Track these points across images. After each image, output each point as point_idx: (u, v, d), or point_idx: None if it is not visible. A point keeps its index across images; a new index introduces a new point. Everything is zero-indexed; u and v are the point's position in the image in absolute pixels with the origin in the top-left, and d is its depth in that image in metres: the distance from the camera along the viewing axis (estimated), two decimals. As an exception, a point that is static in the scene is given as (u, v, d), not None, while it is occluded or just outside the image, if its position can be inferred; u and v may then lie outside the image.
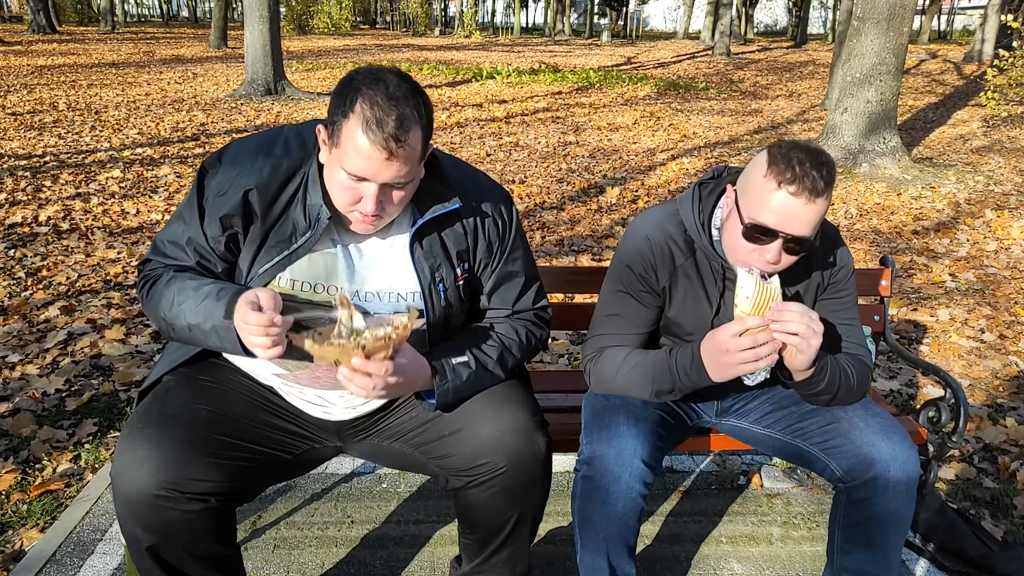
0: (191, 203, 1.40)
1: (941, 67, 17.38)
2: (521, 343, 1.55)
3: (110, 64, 16.38)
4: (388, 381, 1.29)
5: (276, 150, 1.39)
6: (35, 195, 5.66)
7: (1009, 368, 3.27)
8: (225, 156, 1.41)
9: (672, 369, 1.50)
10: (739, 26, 33.26)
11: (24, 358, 3.08)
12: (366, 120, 1.22)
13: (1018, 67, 9.44)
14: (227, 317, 1.28)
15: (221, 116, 9.90)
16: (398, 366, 1.30)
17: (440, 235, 1.46)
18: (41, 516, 2.11)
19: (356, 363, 1.25)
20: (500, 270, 1.54)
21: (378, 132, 1.21)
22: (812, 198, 1.34)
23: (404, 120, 1.23)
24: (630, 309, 1.60)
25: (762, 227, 1.39)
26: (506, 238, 1.54)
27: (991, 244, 5.11)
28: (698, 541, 2.10)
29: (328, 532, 2.08)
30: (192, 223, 1.39)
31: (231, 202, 1.36)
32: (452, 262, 1.47)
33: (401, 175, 1.27)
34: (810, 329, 1.37)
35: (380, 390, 1.29)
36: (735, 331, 1.38)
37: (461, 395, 1.46)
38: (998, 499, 2.31)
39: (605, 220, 5.54)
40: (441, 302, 1.46)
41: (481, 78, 15.55)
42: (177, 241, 1.41)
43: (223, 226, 1.37)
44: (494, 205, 1.52)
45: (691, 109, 11.81)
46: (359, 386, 1.28)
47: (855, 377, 1.56)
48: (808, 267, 1.60)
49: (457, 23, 38.36)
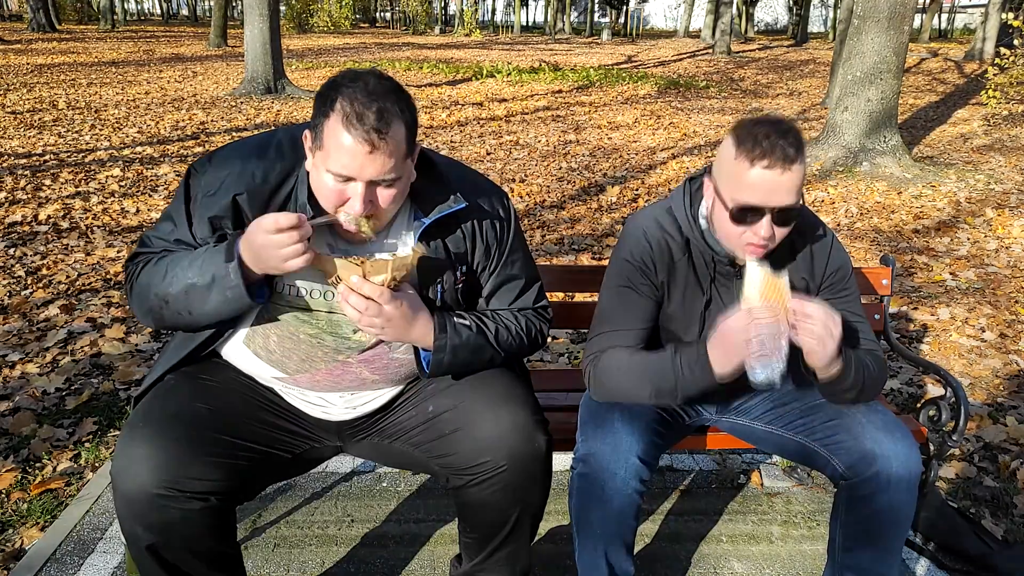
0: (179, 204, 1.38)
1: (942, 66, 17.36)
2: (520, 328, 1.54)
3: (110, 63, 16.38)
4: (384, 309, 1.28)
5: (269, 153, 1.38)
6: (35, 194, 5.66)
7: (1009, 367, 3.26)
8: (216, 157, 1.40)
9: (676, 366, 1.48)
10: (740, 24, 33.25)
11: (24, 357, 3.07)
12: (346, 115, 1.21)
13: (1019, 65, 9.42)
14: (228, 260, 1.27)
15: (221, 115, 9.90)
16: (396, 295, 1.30)
17: (442, 238, 1.45)
18: (41, 515, 2.11)
19: (354, 280, 1.26)
20: (499, 273, 1.53)
21: (359, 126, 1.21)
22: (787, 166, 1.35)
23: (384, 113, 1.22)
24: (632, 303, 1.59)
25: (747, 207, 1.39)
26: (504, 240, 1.52)
27: (992, 243, 5.10)
28: (698, 540, 2.10)
29: (328, 531, 2.08)
30: (181, 224, 1.38)
31: (220, 204, 1.35)
32: (452, 264, 1.46)
33: (386, 171, 1.25)
34: (827, 330, 1.37)
35: (373, 316, 1.28)
36: (743, 320, 1.38)
37: (458, 359, 1.43)
38: (998, 498, 2.31)
39: (605, 219, 5.53)
40: (438, 304, 1.46)
41: (481, 77, 15.54)
42: (166, 239, 1.40)
43: (212, 227, 1.36)
44: (492, 207, 1.51)
45: (692, 108, 11.80)
46: (354, 306, 1.27)
47: (876, 372, 1.56)
48: (800, 269, 1.60)
49: (457, 21, 38.34)
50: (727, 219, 1.43)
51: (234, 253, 1.27)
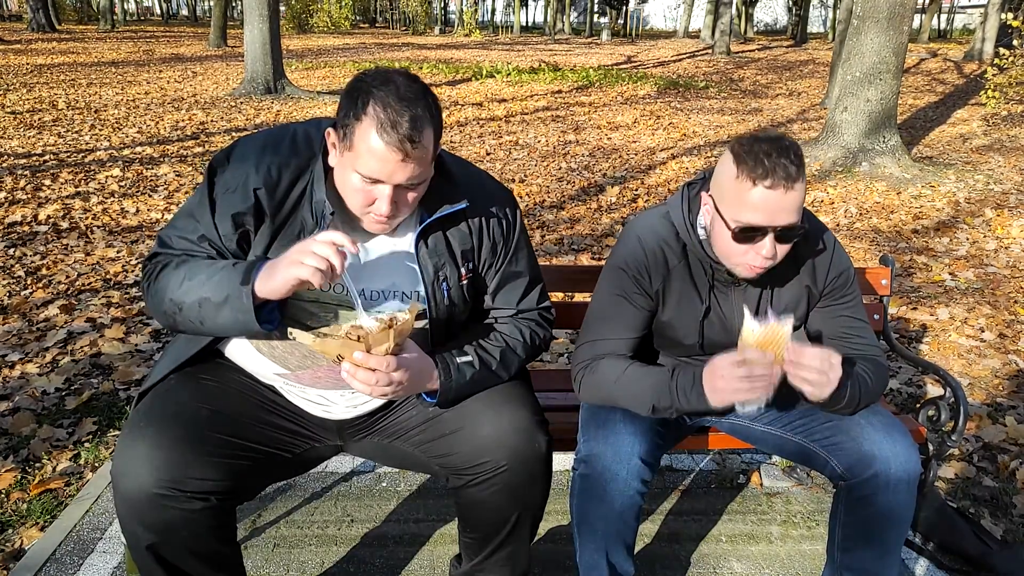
0: (202, 201, 1.38)
1: (941, 66, 17.37)
2: (525, 343, 1.55)
3: (109, 63, 16.37)
4: (392, 377, 1.28)
5: (283, 148, 1.39)
6: (35, 194, 5.66)
7: (1009, 367, 3.27)
8: (234, 154, 1.40)
9: (673, 390, 1.49)
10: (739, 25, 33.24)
11: (24, 357, 3.07)
12: (380, 122, 1.22)
13: (1018, 66, 9.43)
14: (244, 283, 1.27)
15: (221, 115, 9.90)
16: (401, 361, 1.29)
17: (445, 234, 1.46)
18: (41, 515, 2.11)
19: (358, 357, 1.25)
20: (504, 270, 1.54)
21: (393, 134, 1.22)
22: (789, 185, 1.35)
23: (417, 121, 1.23)
24: (624, 312, 1.59)
25: (750, 227, 1.39)
26: (510, 238, 1.54)
27: (991, 243, 5.11)
28: (698, 540, 2.10)
29: (328, 531, 2.08)
30: (204, 220, 1.38)
31: (241, 199, 1.35)
32: (456, 261, 1.47)
33: (415, 176, 1.27)
34: (823, 376, 1.36)
35: (384, 386, 1.28)
36: (734, 360, 1.37)
37: (463, 394, 1.46)
38: (997, 498, 2.32)
39: (605, 219, 5.54)
40: (444, 301, 1.46)
41: (481, 77, 15.54)
42: (188, 237, 1.40)
43: (235, 224, 1.37)
44: (499, 206, 1.52)
45: (691, 108, 11.81)
46: (362, 382, 1.27)
47: (874, 382, 1.55)
48: (802, 276, 1.60)
49: (457, 22, 38.36)
50: (729, 238, 1.43)
51: (251, 277, 1.27)
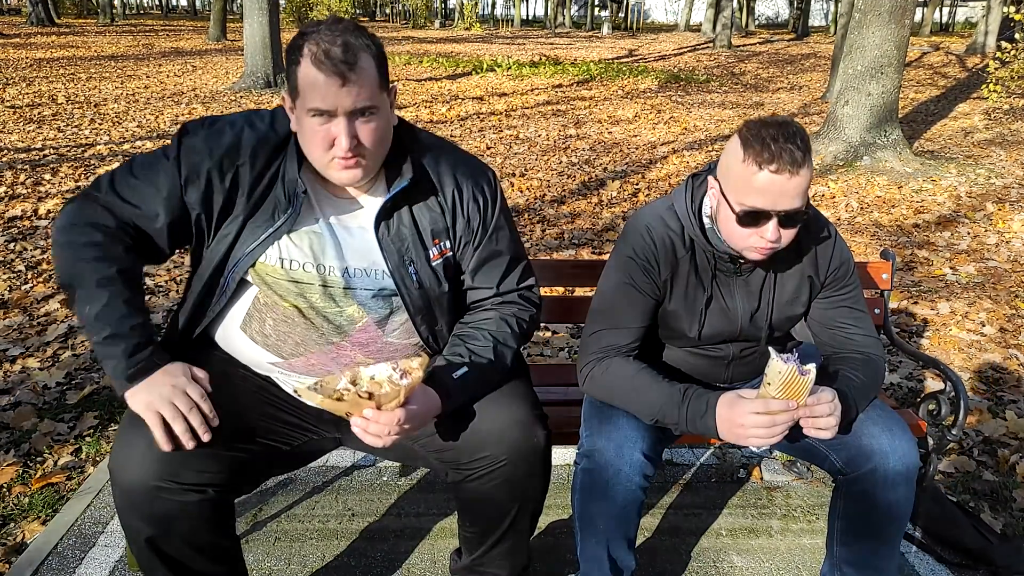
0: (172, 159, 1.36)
1: (943, 60, 17.31)
2: (514, 332, 1.53)
3: (109, 57, 16.34)
4: (403, 428, 1.29)
5: (260, 125, 1.40)
6: (35, 188, 5.66)
7: (1009, 361, 3.27)
8: (209, 123, 1.40)
9: (683, 414, 1.47)
10: (740, 18, 33.15)
11: (25, 351, 3.08)
12: (314, 55, 1.24)
13: (1021, 60, 9.39)
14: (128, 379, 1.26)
15: (221, 109, 9.88)
16: (410, 413, 1.29)
17: (412, 212, 1.44)
18: (42, 509, 2.11)
19: (368, 415, 1.26)
20: (483, 248, 1.51)
21: (327, 62, 1.24)
22: (795, 170, 1.35)
23: (349, 46, 1.25)
24: (632, 301, 1.59)
25: (754, 211, 1.39)
26: (489, 216, 1.50)
27: (992, 237, 5.10)
28: (698, 534, 2.10)
29: (329, 525, 2.09)
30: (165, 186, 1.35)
31: (211, 168, 1.35)
32: (424, 241, 1.45)
33: (361, 101, 1.27)
34: (834, 419, 1.40)
35: (393, 436, 1.29)
36: (756, 409, 1.37)
37: (466, 402, 1.46)
38: (997, 492, 2.32)
39: (606, 214, 5.53)
40: (414, 284, 1.44)
41: (481, 71, 15.50)
42: (135, 203, 1.35)
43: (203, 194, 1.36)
44: (475, 182, 1.49)
45: (693, 102, 11.78)
46: (374, 435, 1.28)
47: (867, 384, 1.55)
48: (804, 266, 1.60)
49: (457, 15, 38.22)
50: (734, 222, 1.43)
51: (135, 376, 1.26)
